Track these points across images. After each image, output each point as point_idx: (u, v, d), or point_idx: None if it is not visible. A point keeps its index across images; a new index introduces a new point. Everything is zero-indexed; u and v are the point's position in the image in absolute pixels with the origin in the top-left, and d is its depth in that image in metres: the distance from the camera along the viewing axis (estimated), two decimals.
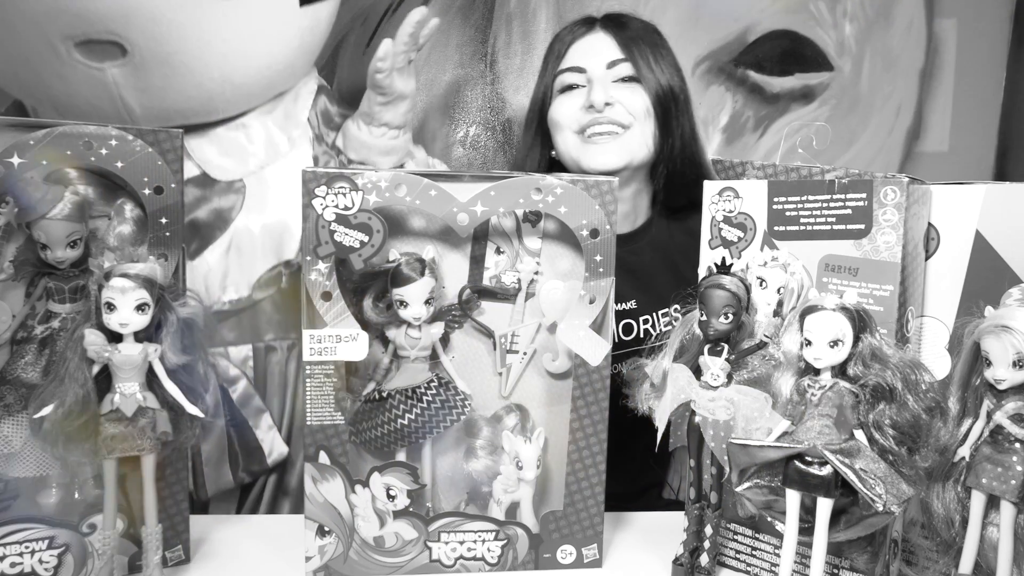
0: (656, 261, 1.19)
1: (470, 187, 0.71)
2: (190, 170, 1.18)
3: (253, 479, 1.37)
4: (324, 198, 0.70)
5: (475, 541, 0.75)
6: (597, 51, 1.14)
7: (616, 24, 1.15)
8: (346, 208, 0.70)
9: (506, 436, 0.76)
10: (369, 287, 0.73)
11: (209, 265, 1.18)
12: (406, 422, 0.73)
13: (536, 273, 0.75)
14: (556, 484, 0.78)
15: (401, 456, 0.75)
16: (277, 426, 1.30)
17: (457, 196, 0.71)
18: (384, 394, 0.74)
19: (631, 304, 1.15)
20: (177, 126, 1.14)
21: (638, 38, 1.14)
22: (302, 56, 1.18)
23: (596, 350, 0.74)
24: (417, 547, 0.75)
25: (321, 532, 0.75)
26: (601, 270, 0.74)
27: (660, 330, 1.14)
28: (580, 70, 1.13)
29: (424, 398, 0.74)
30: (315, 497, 0.74)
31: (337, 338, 0.71)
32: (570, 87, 1.14)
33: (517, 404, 0.77)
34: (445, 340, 0.76)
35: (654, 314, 1.14)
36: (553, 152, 1.19)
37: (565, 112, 1.13)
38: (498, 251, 0.74)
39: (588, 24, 1.17)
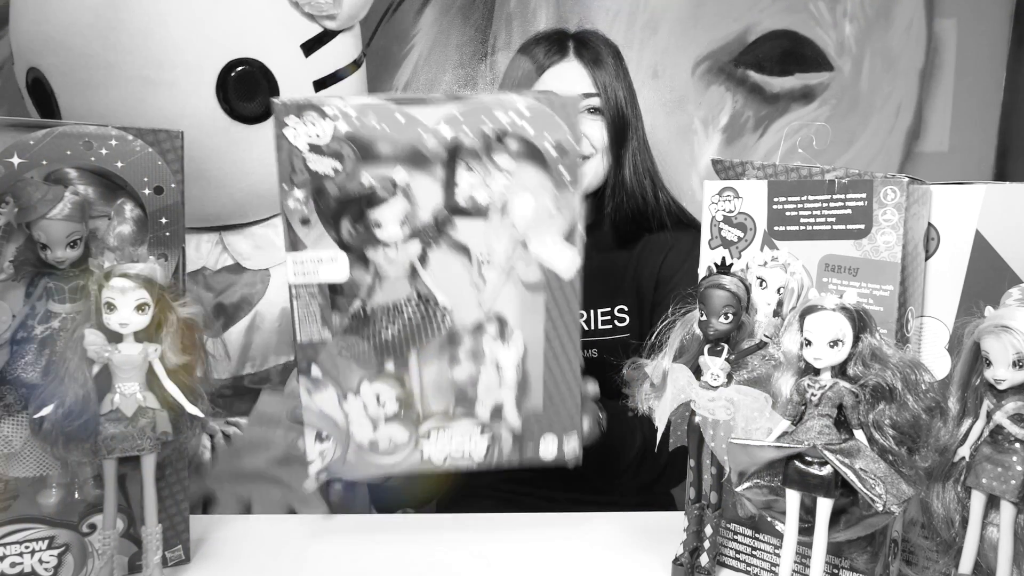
0: (594, 263, 1.17)
1: (436, 110, 0.74)
2: (224, 260, 1.32)
3: None
4: (295, 128, 0.73)
5: (462, 439, 0.81)
6: (571, 83, 1.18)
7: (590, 53, 1.19)
8: (317, 136, 0.73)
9: (486, 342, 0.80)
10: (345, 211, 0.76)
11: (231, 341, 1.29)
12: (390, 336, 0.78)
13: (506, 189, 0.77)
14: (535, 386, 0.81)
15: (390, 366, 0.79)
16: None
17: (423, 119, 0.73)
18: (368, 311, 0.78)
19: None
20: (216, 227, 1.26)
21: (605, 65, 1.19)
22: None
23: (566, 260, 0.78)
24: (408, 448, 0.80)
25: (319, 438, 0.79)
26: (569, 185, 0.77)
27: (596, 327, 1.22)
28: None
29: (405, 312, 0.78)
30: (311, 407, 0.79)
31: (318, 260, 0.75)
32: None
33: (496, 315, 0.80)
34: (424, 258, 0.79)
35: (590, 311, 1.22)
36: None
37: None
38: (469, 168, 0.77)
39: (561, 48, 1.20)
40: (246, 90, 1.20)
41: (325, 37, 1.28)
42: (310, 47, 1.26)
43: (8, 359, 0.77)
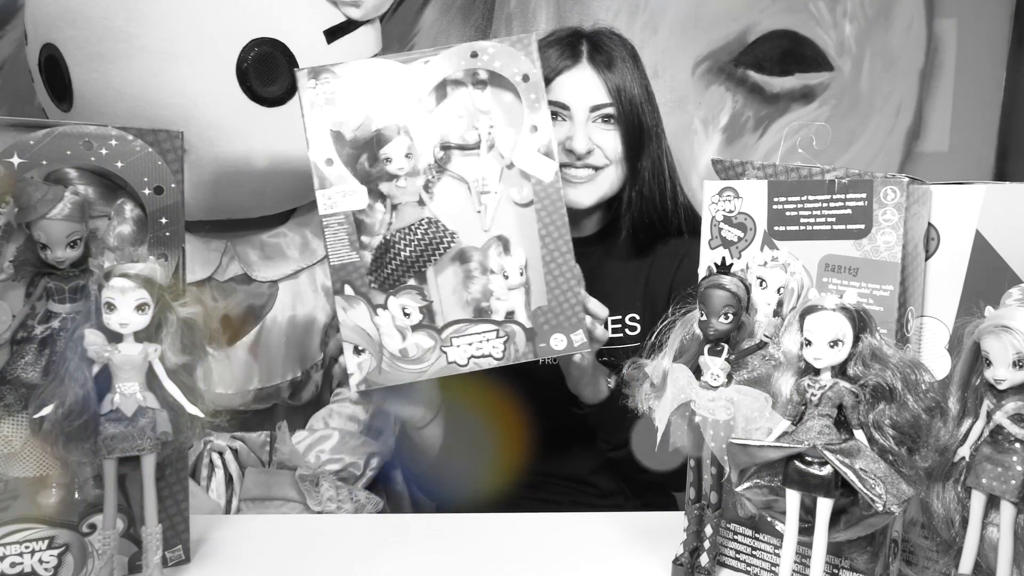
0: (607, 271, 1.21)
1: (422, 63, 0.90)
2: (234, 270, 1.29)
3: None
4: (315, 89, 0.89)
5: (481, 342, 0.91)
6: (584, 91, 1.14)
7: (603, 57, 1.15)
8: (332, 93, 0.89)
9: (492, 257, 0.92)
10: (361, 152, 0.90)
11: (239, 356, 1.28)
12: (407, 254, 0.90)
13: (491, 127, 0.92)
14: (538, 287, 0.92)
15: (411, 281, 0.91)
16: None
17: (411, 70, 0.90)
18: (387, 237, 0.90)
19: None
20: (227, 219, 1.25)
21: (619, 69, 1.14)
22: None
23: (546, 168, 0.91)
24: (435, 353, 0.90)
25: (356, 351, 0.89)
26: (537, 105, 0.91)
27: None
28: (564, 107, 1.14)
29: (417, 233, 0.90)
30: (347, 322, 0.89)
31: (342, 193, 0.89)
32: (552, 115, 1.15)
33: (497, 235, 0.92)
34: (428, 189, 0.92)
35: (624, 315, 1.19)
36: None
37: None
38: (458, 116, 0.91)
39: (574, 52, 1.16)
40: (266, 71, 1.17)
41: (348, 27, 1.25)
42: (333, 34, 1.23)
43: (8, 359, 0.77)
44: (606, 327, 1.02)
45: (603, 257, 1.22)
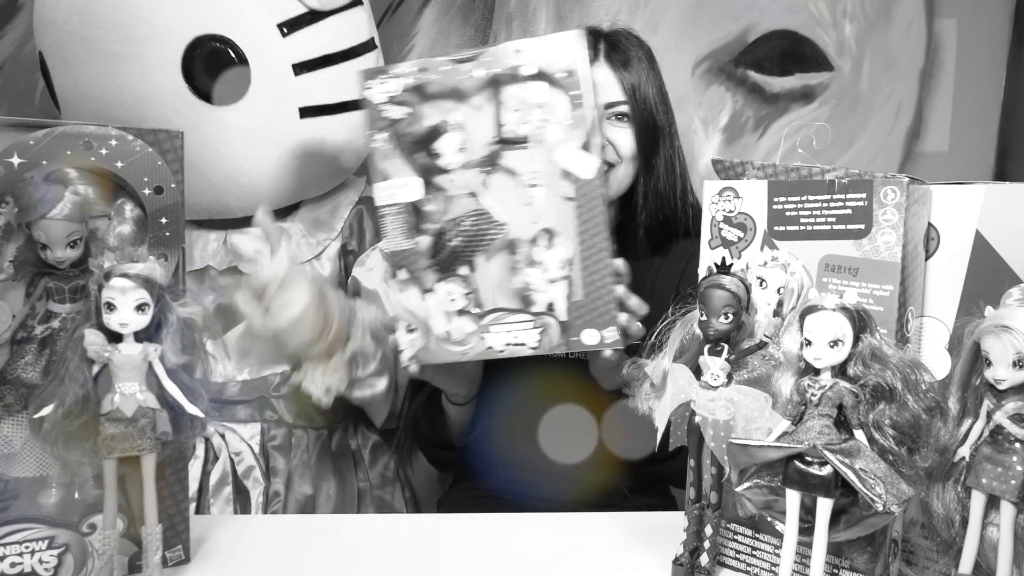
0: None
1: (473, 62, 0.93)
2: (228, 261, 1.28)
3: None
4: (373, 87, 0.94)
5: (519, 330, 0.95)
6: (599, 89, 1.15)
7: (620, 56, 1.17)
8: (391, 92, 0.93)
9: (538, 250, 0.95)
10: (418, 146, 0.95)
11: (229, 344, 1.26)
12: (456, 243, 0.95)
13: (544, 120, 0.93)
14: (576, 283, 0.94)
15: (458, 270, 0.96)
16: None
17: (462, 68, 0.93)
18: (441, 226, 0.95)
19: None
20: (219, 224, 1.25)
21: (635, 69, 1.17)
22: (314, 161, 1.27)
23: (588, 165, 0.92)
24: (476, 337, 0.95)
25: (408, 330, 0.95)
26: (579, 103, 0.92)
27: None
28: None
29: (465, 223, 0.95)
30: (400, 303, 0.95)
31: (401, 185, 0.94)
32: None
33: (544, 227, 0.94)
34: (485, 183, 0.95)
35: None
36: None
37: None
38: (515, 110, 0.93)
39: (591, 51, 1.16)
40: (214, 69, 1.15)
41: (308, 18, 1.21)
42: (290, 27, 1.19)
43: (8, 359, 0.77)
44: (643, 324, 1.01)
45: (616, 254, 1.23)
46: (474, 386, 1.19)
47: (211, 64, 1.14)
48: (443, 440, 1.29)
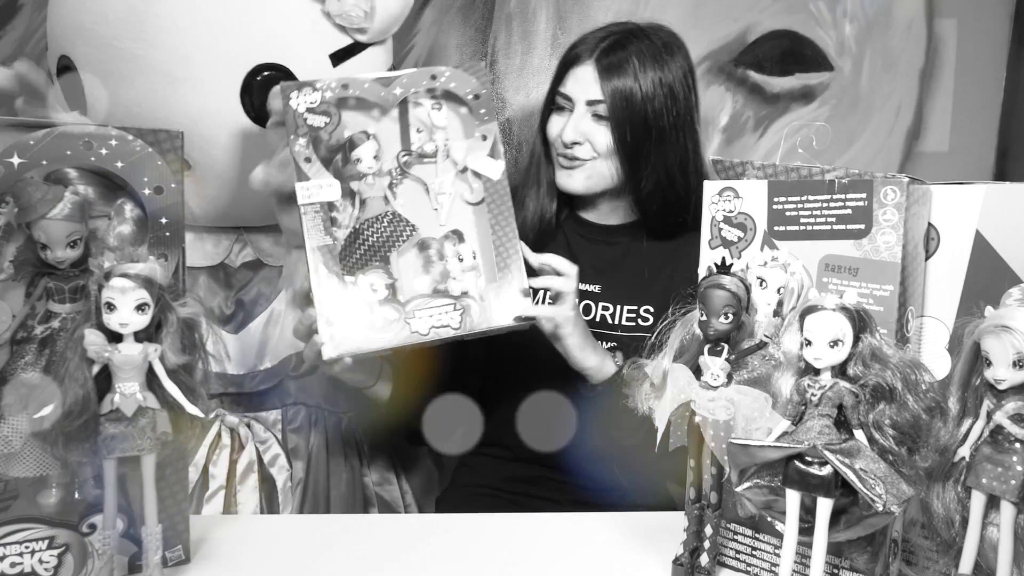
0: (630, 261, 1.25)
1: (392, 83, 1.04)
2: (246, 256, 1.33)
3: None
4: (296, 98, 1.00)
5: (440, 314, 1.01)
6: (583, 86, 1.20)
7: (615, 57, 1.19)
8: (312, 103, 1.00)
9: (447, 246, 1.04)
10: (335, 154, 1.02)
11: (252, 337, 1.32)
12: (373, 240, 1.01)
13: (446, 140, 1.06)
14: (488, 268, 1.04)
15: (376, 262, 1.01)
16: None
17: (382, 86, 1.03)
18: (356, 227, 1.02)
19: (595, 287, 1.24)
20: (236, 226, 1.30)
21: (623, 71, 1.18)
22: None
23: (495, 168, 1.06)
24: (399, 324, 0.99)
25: (328, 322, 0.97)
26: (486, 118, 1.06)
27: (619, 322, 1.23)
28: (567, 98, 1.22)
29: (383, 222, 1.03)
30: (320, 297, 0.97)
31: (319, 186, 0.99)
32: (559, 107, 1.24)
33: (452, 229, 1.05)
34: (392, 189, 1.05)
35: (617, 306, 1.23)
36: None
37: (550, 129, 1.25)
38: (417, 130, 1.05)
39: (592, 48, 1.21)
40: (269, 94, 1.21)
41: (355, 49, 1.28)
42: (339, 57, 1.26)
43: (8, 359, 0.76)
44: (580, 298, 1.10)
45: (628, 247, 1.27)
46: (372, 373, 1.19)
47: (266, 91, 1.18)
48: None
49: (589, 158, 1.20)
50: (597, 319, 1.23)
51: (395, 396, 1.22)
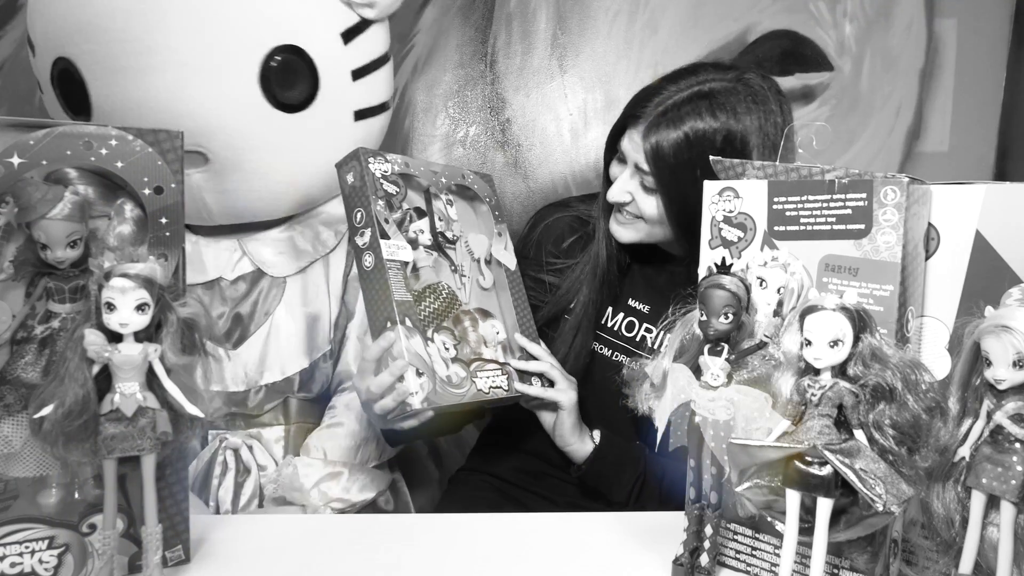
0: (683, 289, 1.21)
1: (440, 172, 1.15)
2: (243, 267, 1.31)
3: None
4: (374, 164, 1.06)
5: (494, 375, 1.08)
6: (631, 150, 1.11)
7: (659, 128, 1.06)
8: (385, 171, 1.07)
9: (480, 320, 1.12)
10: (402, 221, 1.08)
11: (251, 353, 1.30)
12: (436, 307, 1.07)
13: (460, 231, 1.15)
14: (513, 341, 1.14)
15: (444, 323, 1.08)
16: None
17: (432, 173, 1.14)
18: (416, 291, 1.06)
19: (644, 307, 1.21)
20: (246, 223, 1.31)
21: (676, 150, 1.05)
22: None
23: (511, 259, 1.18)
24: (468, 381, 1.05)
25: (418, 373, 0.99)
26: (500, 219, 1.19)
27: (655, 344, 1.19)
28: (623, 157, 1.14)
29: (443, 292, 1.09)
30: (409, 348, 1.00)
31: (397, 246, 1.04)
32: (619, 158, 1.16)
33: (476, 308, 1.13)
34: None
35: (657, 327, 1.18)
36: None
37: (611, 174, 1.18)
38: (439, 219, 1.12)
39: (644, 111, 1.09)
40: (288, 78, 1.19)
41: (362, 26, 1.27)
42: (349, 35, 1.25)
43: (8, 359, 0.76)
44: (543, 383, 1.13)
45: (686, 275, 1.06)
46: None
47: (283, 73, 1.18)
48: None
49: (638, 215, 1.14)
50: (637, 339, 1.20)
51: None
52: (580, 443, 1.15)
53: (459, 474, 1.39)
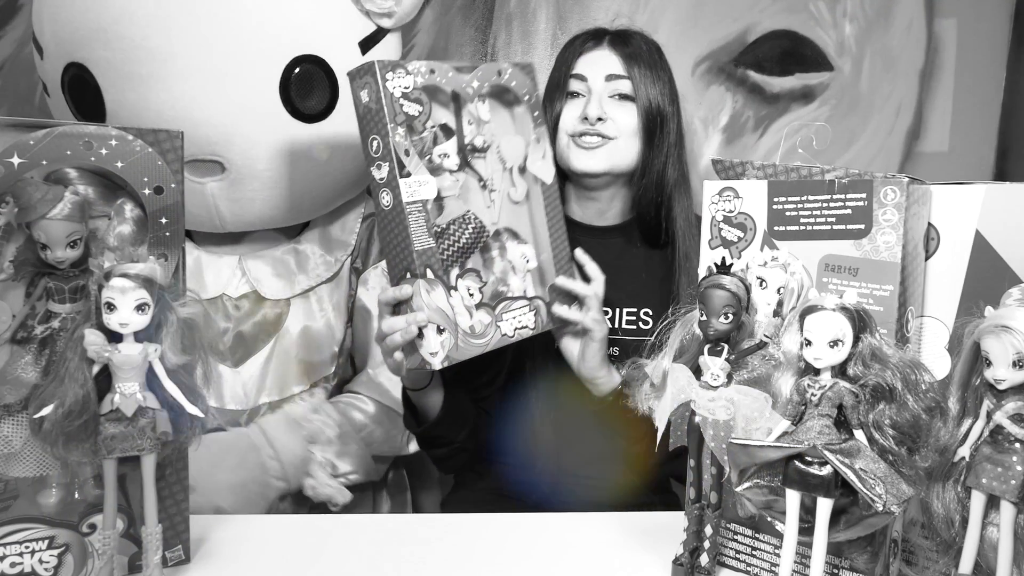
0: (627, 263, 1.24)
1: (471, 74, 1.02)
2: (243, 287, 1.30)
3: None
4: (392, 80, 0.93)
5: (520, 315, 1.03)
6: (601, 64, 1.20)
7: (628, 49, 1.20)
8: (406, 87, 0.95)
9: (510, 245, 1.05)
10: (423, 146, 0.98)
11: (251, 372, 1.29)
12: (463, 242, 1.00)
13: (492, 135, 1.04)
14: (546, 267, 1.09)
15: (469, 264, 1.02)
16: None
17: (463, 76, 1.01)
18: (441, 227, 0.99)
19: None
20: (250, 240, 1.31)
21: (639, 57, 1.20)
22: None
23: (548, 171, 1.09)
24: (492, 327, 1.00)
25: (439, 330, 0.96)
26: (539, 121, 1.08)
27: (620, 326, 1.23)
28: (582, 78, 1.20)
29: (469, 224, 1.01)
30: (429, 304, 0.95)
31: (419, 183, 0.95)
32: (573, 94, 1.21)
33: (506, 227, 1.06)
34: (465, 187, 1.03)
35: (616, 309, 1.22)
36: None
37: (566, 118, 1.21)
38: (469, 123, 1.02)
39: (597, 39, 1.23)
40: (308, 88, 1.19)
41: (378, 35, 1.28)
42: (366, 44, 1.26)
43: (8, 359, 0.76)
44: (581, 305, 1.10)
45: (622, 249, 1.25)
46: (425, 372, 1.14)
47: (303, 83, 1.19)
48: (436, 437, 1.28)
49: (613, 136, 1.18)
50: None
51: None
52: (608, 376, 1.13)
53: (450, 497, 1.37)
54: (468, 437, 1.22)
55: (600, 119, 1.17)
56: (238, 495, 1.22)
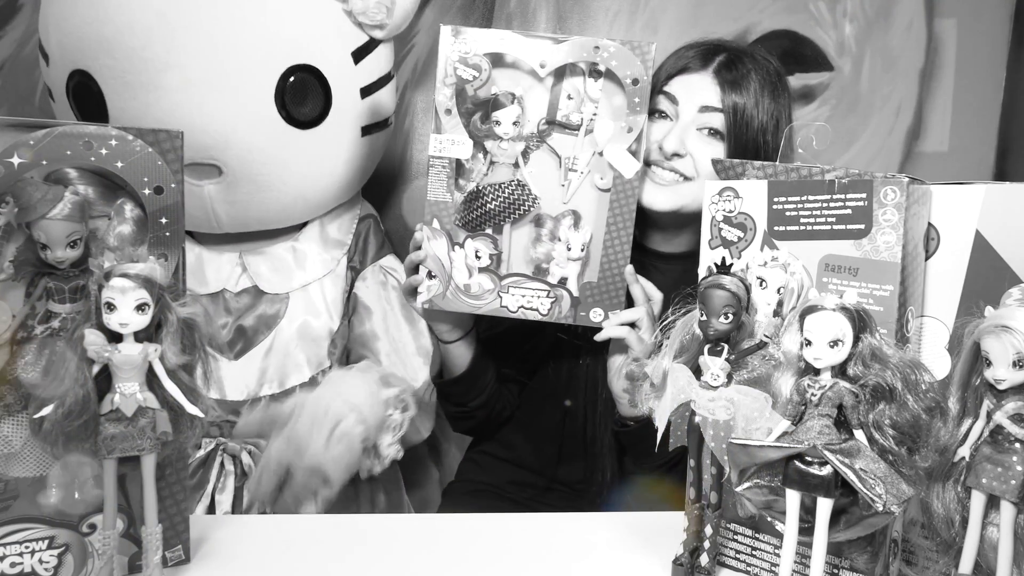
0: (672, 289, 1.18)
1: (549, 43, 1.01)
2: (244, 282, 1.34)
3: None
4: (453, 44, 1.00)
5: (533, 297, 1.04)
6: (697, 92, 1.10)
7: (732, 75, 1.09)
8: (465, 52, 1.00)
9: (563, 227, 1.04)
10: (477, 110, 1.03)
11: (252, 364, 1.32)
12: (493, 206, 1.03)
13: (593, 115, 1.03)
14: (594, 265, 1.05)
15: (488, 230, 1.05)
16: None
17: (539, 49, 1.01)
18: (479, 187, 1.04)
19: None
20: (251, 235, 1.33)
21: (744, 88, 1.08)
22: (360, 174, 1.41)
23: (630, 166, 1.02)
24: (492, 295, 1.04)
25: (429, 275, 1.03)
26: (638, 108, 1.01)
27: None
28: (674, 100, 1.11)
29: (505, 191, 1.03)
30: (428, 250, 1.03)
31: (452, 142, 1.02)
32: (660, 113, 1.13)
33: (573, 209, 1.05)
34: (526, 156, 1.05)
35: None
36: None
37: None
38: (568, 97, 1.03)
39: (704, 60, 1.11)
40: (302, 96, 1.23)
41: (371, 46, 1.32)
42: (359, 55, 1.30)
43: (8, 359, 0.76)
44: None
45: (679, 278, 1.12)
46: (461, 325, 1.17)
47: (298, 91, 1.23)
48: (451, 395, 1.27)
49: (691, 176, 1.09)
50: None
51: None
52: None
53: (453, 485, 1.37)
54: (480, 407, 1.23)
55: (677, 154, 1.08)
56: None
